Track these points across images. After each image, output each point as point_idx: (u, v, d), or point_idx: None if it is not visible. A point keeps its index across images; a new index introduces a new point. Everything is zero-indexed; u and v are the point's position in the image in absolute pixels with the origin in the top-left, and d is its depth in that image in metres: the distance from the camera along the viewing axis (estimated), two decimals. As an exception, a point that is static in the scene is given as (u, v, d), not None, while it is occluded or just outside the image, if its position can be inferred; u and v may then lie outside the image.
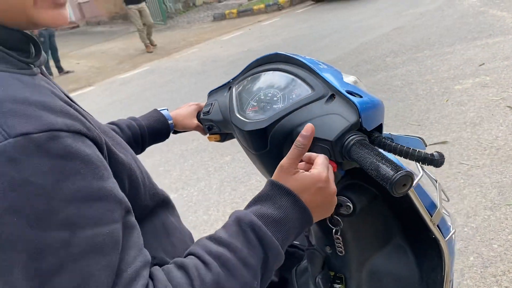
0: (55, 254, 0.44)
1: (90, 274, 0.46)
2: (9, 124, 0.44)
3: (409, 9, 6.97)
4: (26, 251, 0.43)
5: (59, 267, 0.45)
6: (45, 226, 0.44)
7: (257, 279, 0.57)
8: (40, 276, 0.44)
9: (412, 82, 3.98)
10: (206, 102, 1.08)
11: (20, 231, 0.43)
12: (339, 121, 0.77)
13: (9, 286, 0.44)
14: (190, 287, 0.52)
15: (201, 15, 12.14)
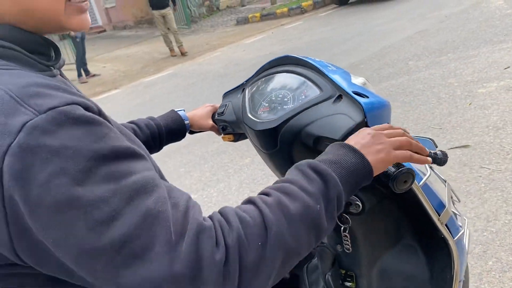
0: (108, 203, 0.48)
1: (147, 209, 0.50)
2: (37, 103, 0.49)
3: (433, 12, 6.88)
4: (81, 207, 0.47)
5: (115, 213, 0.48)
6: (91, 182, 0.48)
7: (320, 204, 0.60)
8: (100, 225, 0.48)
9: (435, 86, 3.93)
10: (221, 104, 1.12)
11: (70, 190, 0.47)
12: (345, 120, 0.79)
13: (77, 240, 0.48)
14: (255, 208, 0.57)
15: (225, 19, 12.26)
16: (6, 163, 0.46)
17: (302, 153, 0.88)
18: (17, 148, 0.46)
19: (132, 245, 0.48)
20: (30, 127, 0.47)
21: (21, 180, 0.47)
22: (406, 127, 3.31)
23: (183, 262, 0.49)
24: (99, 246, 0.48)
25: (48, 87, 0.52)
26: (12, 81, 0.51)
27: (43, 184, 0.47)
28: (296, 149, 0.87)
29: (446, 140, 2.96)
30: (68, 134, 0.48)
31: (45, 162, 0.47)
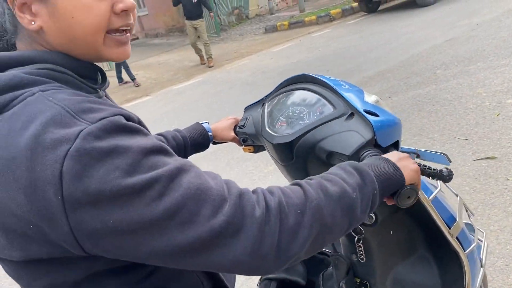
0: (157, 182, 0.57)
1: (189, 182, 0.59)
2: (90, 116, 0.59)
3: (464, 20, 6.77)
4: (136, 190, 0.56)
5: (165, 188, 0.58)
6: (139, 172, 0.57)
7: (356, 192, 0.68)
8: (154, 200, 0.57)
9: (462, 96, 3.89)
10: (242, 117, 1.19)
11: (124, 181, 0.56)
12: (356, 137, 0.85)
13: (137, 216, 0.57)
14: (298, 186, 0.67)
15: (253, 27, 12.40)
16: (66, 166, 0.55)
17: (316, 166, 0.93)
18: (75, 152, 0.55)
19: (181, 212, 0.58)
20: (85, 134, 0.56)
21: (80, 178, 0.55)
22: (431, 137, 3.30)
23: (227, 218, 0.58)
24: (155, 217, 0.57)
25: (97, 103, 0.61)
26: (67, 97, 0.61)
27: (101, 178, 0.55)
28: (311, 162, 0.93)
29: (472, 151, 2.93)
30: (116, 137, 0.58)
31: (100, 161, 0.56)
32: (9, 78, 0.62)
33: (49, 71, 0.65)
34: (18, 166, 0.57)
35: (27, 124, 0.58)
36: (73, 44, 0.68)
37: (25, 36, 0.69)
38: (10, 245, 0.63)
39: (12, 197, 0.58)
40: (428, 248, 1.09)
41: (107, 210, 0.56)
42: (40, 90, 0.61)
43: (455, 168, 2.78)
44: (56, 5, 0.66)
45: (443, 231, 0.98)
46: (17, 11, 0.66)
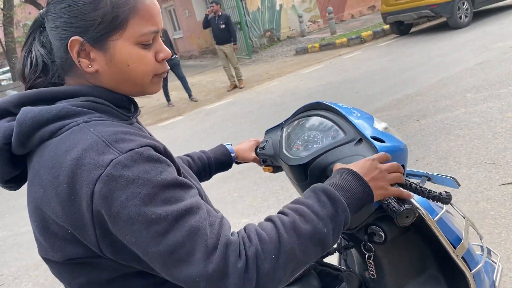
0: (164, 219, 0.67)
1: (191, 226, 0.68)
2: (121, 146, 0.70)
3: (497, 43, 6.70)
4: (148, 221, 0.67)
5: (170, 227, 0.67)
6: (154, 204, 0.67)
7: (327, 226, 0.75)
8: (159, 235, 0.67)
9: (492, 119, 3.87)
10: (263, 139, 1.30)
11: (140, 209, 0.67)
12: None
13: (143, 244, 0.68)
14: (273, 227, 0.73)
15: (284, 49, 12.60)
16: (97, 187, 0.67)
17: (328, 186, 1.01)
18: (106, 177, 0.67)
19: (179, 251, 0.67)
20: (115, 162, 0.67)
21: (106, 199, 0.67)
22: (458, 161, 3.29)
23: (215, 266, 0.67)
24: (158, 250, 0.68)
25: (128, 134, 0.73)
26: (104, 129, 0.73)
27: (122, 203, 0.67)
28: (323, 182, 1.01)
29: (499, 176, 2.92)
30: (140, 168, 0.68)
31: (124, 187, 0.67)
32: (59, 110, 0.74)
33: (91, 103, 0.77)
34: (61, 183, 0.69)
35: (70, 149, 0.70)
36: (122, 85, 0.82)
37: (76, 74, 0.81)
38: (52, 248, 0.75)
39: (53, 208, 0.71)
40: (438, 268, 1.14)
41: (122, 231, 0.68)
42: (84, 121, 0.73)
43: (481, 192, 2.77)
44: (114, 54, 0.78)
45: (448, 250, 1.03)
46: (76, 56, 0.77)
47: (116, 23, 0.77)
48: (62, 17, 0.77)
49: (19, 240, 4.16)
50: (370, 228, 1.08)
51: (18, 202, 5.29)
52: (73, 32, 0.77)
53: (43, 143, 0.74)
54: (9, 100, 0.77)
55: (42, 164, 0.72)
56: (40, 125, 0.73)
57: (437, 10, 8.81)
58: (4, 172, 0.78)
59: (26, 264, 3.61)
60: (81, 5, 0.76)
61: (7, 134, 0.74)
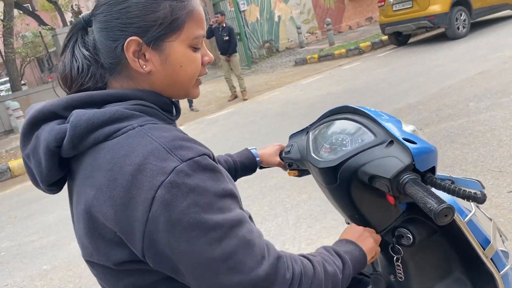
0: (221, 227, 0.70)
1: (243, 236, 0.71)
2: (181, 154, 0.71)
3: (496, 53, 6.78)
4: (206, 228, 0.69)
5: (225, 235, 0.69)
6: (211, 211, 0.69)
7: (340, 275, 0.87)
8: (215, 241, 0.69)
9: (496, 128, 3.90)
10: (287, 144, 1.31)
11: (200, 216, 0.68)
12: (395, 162, 0.94)
13: (199, 251, 0.69)
14: (307, 260, 0.83)
15: (283, 60, 12.69)
16: (159, 193, 0.67)
17: (358, 188, 1.02)
18: (168, 184, 0.67)
19: (233, 259, 0.70)
20: (178, 170, 0.68)
21: (168, 205, 0.67)
22: (464, 169, 3.31)
23: (265, 273, 0.71)
24: (212, 257, 0.69)
25: (185, 140, 0.74)
26: (162, 134, 0.73)
27: (183, 210, 0.68)
28: (353, 184, 1.02)
29: (506, 183, 2.94)
30: (199, 177, 0.70)
31: (185, 195, 0.68)
32: (113, 112, 0.74)
33: (141, 106, 0.78)
34: (117, 186, 0.70)
35: (129, 153, 0.70)
36: (172, 86, 0.84)
37: (123, 75, 0.82)
38: (97, 251, 0.75)
39: (104, 211, 0.71)
40: (464, 270, 1.15)
41: (177, 238, 0.68)
42: (138, 125, 0.74)
43: (489, 200, 2.79)
44: (169, 55, 0.80)
45: (478, 252, 1.04)
46: (132, 56, 0.79)
47: (175, 25, 0.79)
48: (120, 18, 0.78)
49: (22, 250, 4.13)
50: (398, 231, 1.09)
51: (19, 213, 5.26)
52: (131, 33, 0.78)
53: (97, 145, 0.74)
54: (58, 103, 0.77)
55: (97, 167, 0.73)
56: (95, 127, 0.73)
57: (435, 21, 8.92)
58: (52, 175, 0.78)
59: (31, 274, 3.58)
60: (142, 6, 0.77)
61: (59, 137, 0.74)
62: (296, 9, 14.09)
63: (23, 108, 9.95)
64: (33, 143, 0.77)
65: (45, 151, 0.74)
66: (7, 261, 3.99)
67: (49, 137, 0.74)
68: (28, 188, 6.31)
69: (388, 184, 0.93)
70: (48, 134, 0.74)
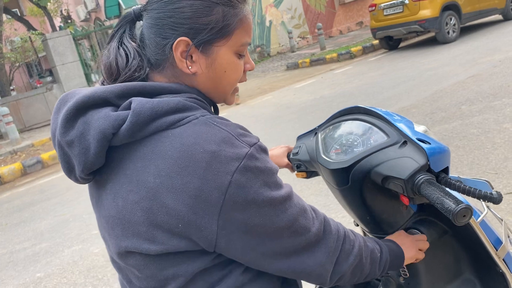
0: (284, 200, 0.78)
1: (297, 204, 0.80)
2: (246, 140, 0.76)
3: (486, 56, 6.87)
4: (274, 203, 0.76)
5: (288, 206, 0.78)
6: (275, 188, 0.77)
7: (378, 254, 0.95)
8: (282, 212, 0.77)
9: (489, 131, 3.94)
10: (295, 145, 1.29)
11: (270, 194, 0.75)
12: (410, 163, 0.93)
13: (271, 222, 0.76)
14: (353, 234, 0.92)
15: (275, 65, 12.72)
16: (235, 177, 0.72)
17: (371, 189, 1.01)
18: (243, 168, 0.72)
19: (295, 224, 0.79)
20: (249, 155, 0.74)
21: (243, 187, 0.73)
22: (460, 171, 3.33)
23: (317, 231, 0.83)
24: (280, 226, 0.77)
25: (243, 128, 0.79)
26: (226, 123, 0.77)
27: (256, 190, 0.74)
28: (366, 186, 1.01)
29: (502, 185, 2.96)
30: (264, 159, 0.76)
31: (257, 176, 0.74)
32: (176, 102, 0.76)
33: (196, 100, 0.80)
34: (190, 173, 0.71)
35: (200, 141, 0.72)
36: (214, 90, 0.86)
37: (168, 72, 0.83)
38: (151, 239, 0.75)
39: (175, 198, 0.72)
40: (474, 271, 1.14)
41: (252, 215, 0.74)
42: (201, 115, 0.77)
43: (487, 201, 2.80)
44: (216, 59, 0.82)
45: (491, 252, 1.04)
46: (179, 56, 0.80)
47: (225, 31, 0.81)
48: (173, 17, 0.79)
49: (14, 258, 4.06)
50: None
51: (10, 220, 5.18)
52: (182, 33, 0.79)
53: (158, 133, 0.75)
54: (110, 90, 0.76)
55: (161, 154, 0.73)
56: (158, 115, 0.74)
57: (425, 25, 9.02)
58: (97, 162, 0.76)
59: (24, 282, 3.52)
60: (196, 8, 0.78)
61: (117, 124, 0.73)
62: (287, 14, 14.16)
63: (12, 114, 9.82)
64: (79, 129, 0.74)
65: (98, 137, 0.73)
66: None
67: (105, 123, 0.73)
68: (18, 194, 6.23)
69: (403, 185, 0.92)
70: (103, 120, 0.73)
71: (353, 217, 1.15)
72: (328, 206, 3.27)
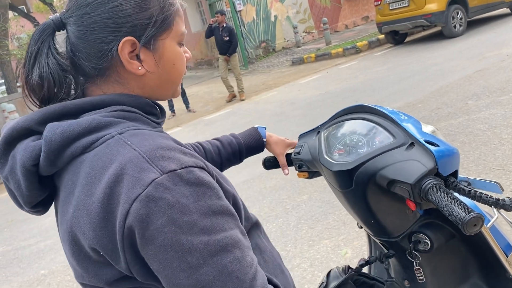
0: (200, 252, 0.62)
1: (224, 266, 0.63)
2: (162, 164, 0.63)
3: (493, 51, 6.77)
4: (181, 251, 0.61)
5: (203, 261, 0.62)
6: (191, 232, 0.62)
7: None
8: (191, 268, 0.62)
9: (496, 126, 3.88)
10: (296, 144, 1.25)
11: (176, 236, 0.61)
12: (417, 166, 0.88)
13: (171, 275, 0.63)
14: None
15: (280, 60, 12.64)
16: (134, 207, 0.61)
17: (375, 192, 0.97)
18: (145, 198, 0.61)
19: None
20: (157, 183, 0.62)
21: (142, 221, 0.61)
22: (466, 167, 3.28)
23: None
24: (186, 284, 0.62)
25: (168, 149, 0.67)
26: (142, 143, 0.67)
27: (158, 228, 0.61)
28: (370, 189, 0.97)
29: (510, 182, 2.91)
30: (181, 192, 0.62)
31: (162, 211, 0.61)
32: (89, 122, 0.68)
33: (121, 112, 0.72)
34: (94, 201, 0.64)
35: (107, 164, 0.64)
36: (164, 86, 0.80)
37: (109, 80, 0.76)
38: (86, 272, 0.69)
39: (83, 230, 0.65)
40: (482, 276, 1.10)
41: (152, 257, 0.63)
42: (118, 133, 0.68)
43: (494, 199, 2.75)
44: (163, 54, 0.77)
45: (501, 259, 1.00)
46: (127, 58, 0.73)
47: (167, 22, 0.76)
48: (112, 17, 0.72)
49: (19, 255, 4.07)
50: (414, 236, 1.04)
51: (15, 216, 5.19)
52: (126, 33, 0.72)
53: (75, 159, 0.68)
54: (31, 118, 0.70)
55: (77, 182, 0.67)
56: (70, 140, 0.67)
57: (431, 19, 8.90)
58: (33, 196, 0.72)
59: (28, 279, 3.52)
60: (135, 3, 0.72)
61: (35, 155, 0.68)
62: (292, 9, 14.06)
63: (19, 110, 9.85)
64: (10, 164, 0.71)
65: (22, 171, 0.68)
66: (4, 266, 3.92)
67: (24, 156, 0.68)
68: (24, 191, 6.23)
69: (409, 190, 0.88)
70: (23, 152, 0.68)
71: (357, 219, 1.11)
72: (332, 203, 3.24)
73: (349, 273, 1.16)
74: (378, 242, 1.14)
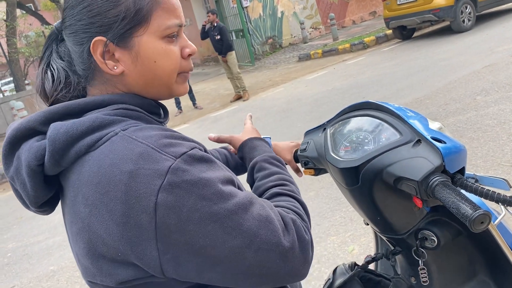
0: (235, 213, 0.67)
1: (258, 215, 0.69)
2: (172, 151, 0.66)
3: (502, 46, 6.70)
4: (220, 219, 0.66)
5: (242, 219, 0.67)
6: (221, 200, 0.66)
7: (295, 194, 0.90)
8: (234, 229, 0.67)
9: (505, 122, 3.84)
10: (302, 141, 1.25)
11: (210, 209, 0.65)
12: (424, 163, 0.88)
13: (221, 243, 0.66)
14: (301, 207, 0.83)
15: (287, 56, 12.61)
16: (160, 198, 0.63)
17: (382, 190, 0.97)
18: (168, 186, 0.63)
19: (256, 240, 0.68)
20: (174, 169, 0.64)
21: (174, 208, 0.63)
22: (474, 164, 3.26)
23: (290, 244, 0.71)
24: (235, 245, 0.67)
25: (172, 137, 0.69)
26: (147, 135, 0.68)
27: (191, 207, 0.64)
28: (377, 186, 0.97)
29: (520, 178, 2.88)
30: (197, 169, 0.66)
31: (189, 192, 0.64)
32: (92, 120, 0.69)
33: (124, 110, 0.73)
34: (112, 199, 0.64)
35: (117, 161, 0.65)
36: (151, 84, 0.77)
37: (100, 81, 0.77)
38: (100, 271, 0.69)
39: (105, 228, 0.65)
40: (488, 273, 1.10)
41: (194, 236, 0.65)
42: (121, 130, 0.69)
43: (503, 195, 2.73)
44: (140, 51, 0.74)
45: (508, 256, 0.99)
46: (100, 58, 0.73)
47: (140, 17, 0.73)
48: (82, 19, 0.73)
49: (29, 251, 4.12)
50: (421, 233, 1.04)
51: (25, 213, 5.24)
52: (95, 33, 0.73)
53: (80, 158, 0.69)
54: (35, 118, 0.71)
55: (84, 182, 0.67)
56: (74, 139, 0.68)
57: (439, 14, 8.82)
58: (39, 196, 0.72)
59: (38, 275, 3.56)
60: (101, 2, 0.72)
61: (39, 155, 0.69)
62: (299, 4, 14.00)
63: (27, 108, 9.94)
64: (15, 165, 0.72)
65: (27, 171, 0.69)
66: (14, 262, 3.97)
67: (29, 156, 0.69)
68: (33, 188, 6.29)
69: (416, 187, 0.88)
70: (28, 153, 0.69)
71: (363, 216, 1.11)
72: (338, 199, 3.24)
73: (356, 270, 1.17)
74: (385, 239, 1.14)
